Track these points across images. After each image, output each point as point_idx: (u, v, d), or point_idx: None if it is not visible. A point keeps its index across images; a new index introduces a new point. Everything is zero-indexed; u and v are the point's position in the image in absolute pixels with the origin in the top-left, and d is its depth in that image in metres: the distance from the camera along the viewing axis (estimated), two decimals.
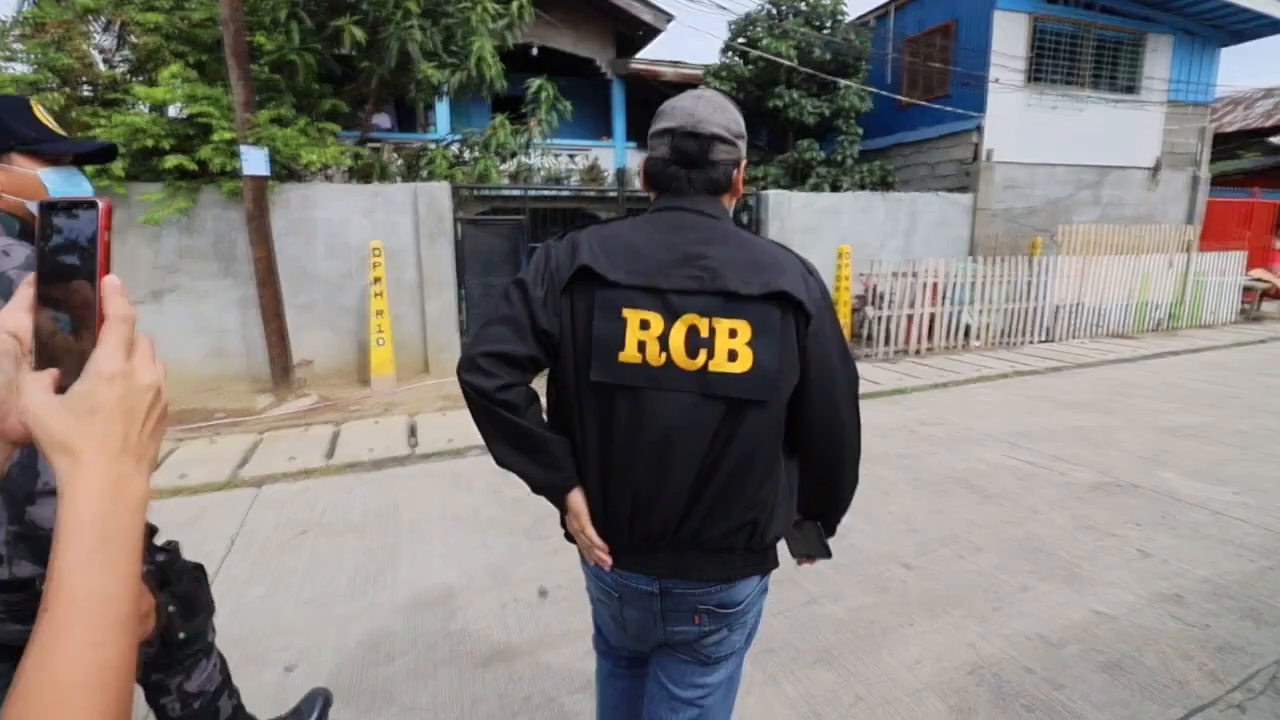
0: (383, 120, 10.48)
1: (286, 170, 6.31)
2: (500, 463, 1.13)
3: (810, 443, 1.15)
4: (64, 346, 0.45)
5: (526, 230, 6.98)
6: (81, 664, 0.40)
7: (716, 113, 1.10)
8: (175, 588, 1.35)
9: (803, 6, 9.72)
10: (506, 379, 1.05)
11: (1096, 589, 2.71)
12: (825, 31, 9.69)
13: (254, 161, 5.29)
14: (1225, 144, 14.98)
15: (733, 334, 1.03)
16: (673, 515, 1.08)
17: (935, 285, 7.66)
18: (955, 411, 5.38)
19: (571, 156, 11.81)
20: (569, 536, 1.23)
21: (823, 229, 8.37)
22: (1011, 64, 9.22)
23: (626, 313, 1.03)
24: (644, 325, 1.03)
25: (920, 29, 10.27)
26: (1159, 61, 10.15)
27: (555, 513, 1.22)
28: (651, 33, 11.90)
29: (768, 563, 1.17)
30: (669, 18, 11.42)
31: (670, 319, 1.03)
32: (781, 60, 8.96)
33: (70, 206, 0.44)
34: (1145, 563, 2.92)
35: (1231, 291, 10.04)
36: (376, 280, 6.07)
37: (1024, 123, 9.51)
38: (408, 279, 6.56)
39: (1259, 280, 10.57)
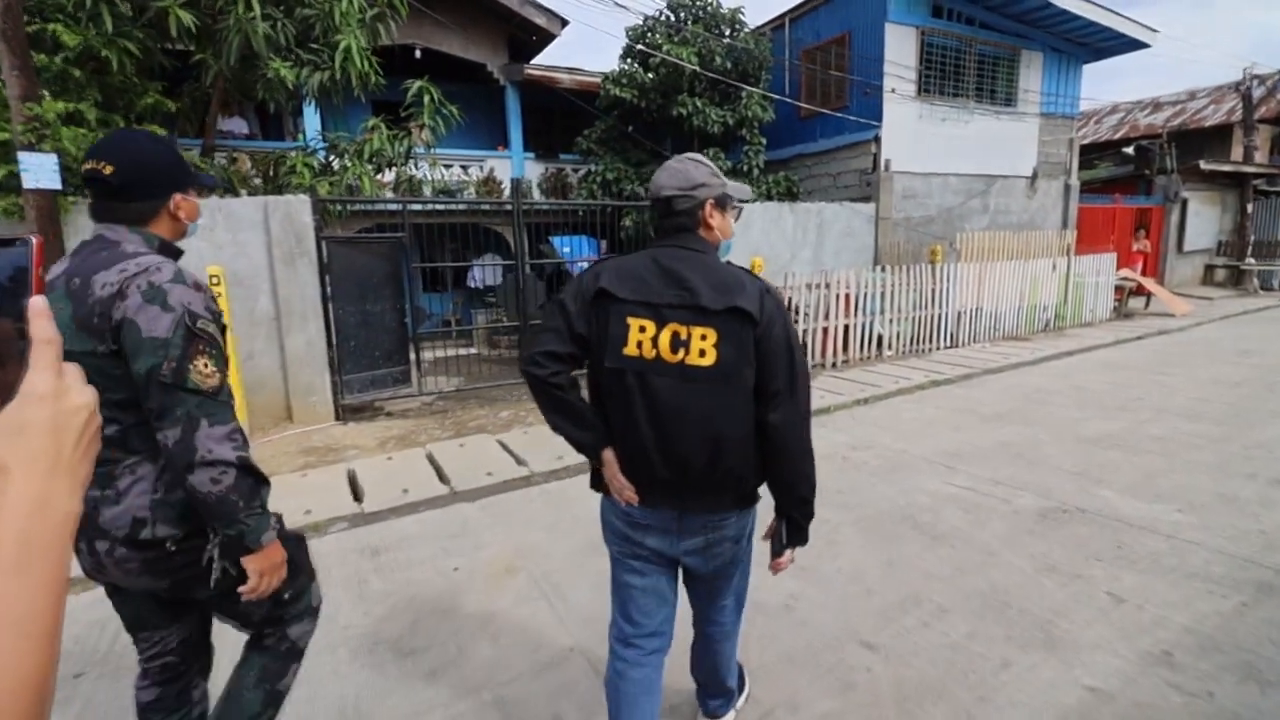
0: (237, 126, 9.24)
1: None
2: (554, 429, 1.58)
3: (766, 412, 1.52)
4: None
5: (410, 248, 6.13)
6: None
7: (671, 177, 1.55)
8: (291, 546, 1.51)
9: (701, 14, 9.46)
10: (555, 368, 1.51)
11: (1081, 655, 2.33)
12: (726, 39, 9.47)
13: (39, 171, 4.19)
14: (1082, 155, 16.31)
15: (703, 338, 1.46)
16: (670, 458, 1.51)
17: (848, 296, 7.50)
18: (883, 432, 5.09)
19: (465, 168, 10.97)
20: (596, 486, 1.69)
21: (734, 241, 8.02)
22: (904, 75, 9.36)
23: (630, 320, 1.48)
24: (642, 329, 1.48)
25: (817, 40, 10.29)
26: (1032, 76, 10.70)
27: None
28: (546, 38, 11.31)
29: (749, 502, 1.68)
30: (563, 22, 10.88)
31: (660, 325, 1.47)
32: (684, 64, 8.61)
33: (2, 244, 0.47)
34: (1120, 611, 2.59)
35: (1106, 291, 10.69)
36: None
37: (917, 134, 9.69)
38: (261, 310, 5.55)
39: (1126, 279, 11.35)
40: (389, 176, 7.56)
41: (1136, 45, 10.87)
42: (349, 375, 5.94)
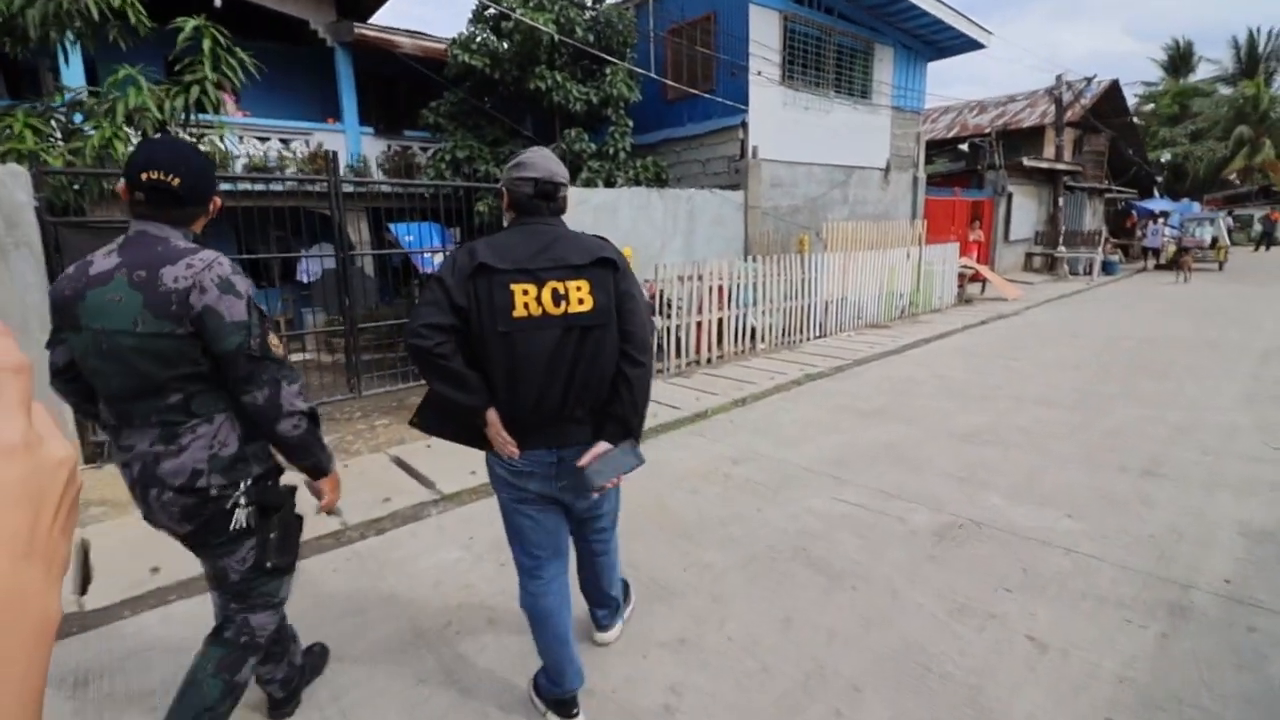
0: None
1: None
2: (440, 397, 1.77)
3: (628, 342, 1.78)
4: None
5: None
6: None
7: (559, 167, 1.85)
8: (283, 515, 1.78)
9: None
10: (439, 339, 1.65)
11: None
12: (588, 12, 8.72)
13: None
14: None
15: (579, 289, 1.71)
16: (556, 402, 1.73)
17: (722, 288, 7.10)
18: (764, 439, 4.66)
19: (285, 141, 9.36)
20: (480, 445, 1.87)
21: (600, 228, 7.30)
22: (769, 59, 9.14)
23: (512, 286, 1.67)
24: (525, 292, 1.68)
25: (682, 18, 9.82)
26: (884, 70, 10.99)
27: None
28: None
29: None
30: None
31: (540, 286, 1.69)
32: (541, 29, 7.73)
33: None
34: (1047, 663, 2.23)
35: (951, 279, 11.30)
36: None
37: (782, 121, 9.55)
38: None
39: (966, 267, 12.11)
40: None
41: (974, 45, 11.52)
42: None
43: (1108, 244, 16.80)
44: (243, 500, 1.66)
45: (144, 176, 1.54)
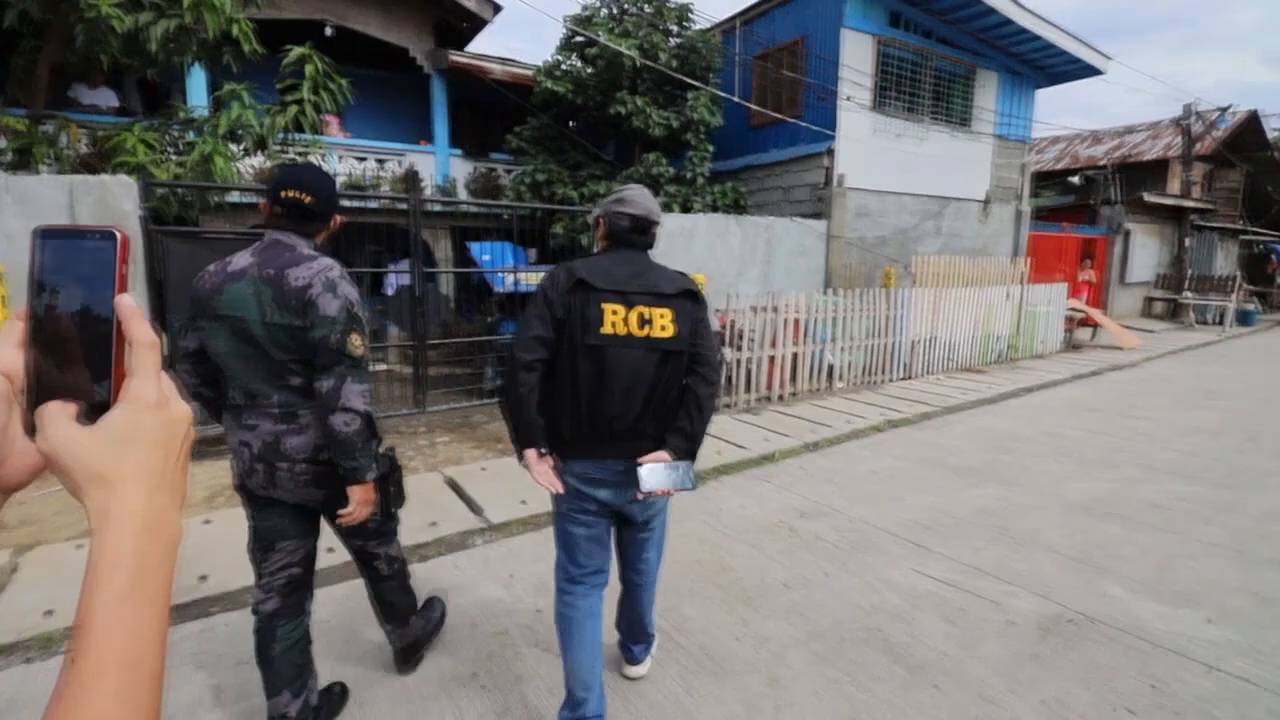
0: (104, 99, 7.80)
1: None
2: (509, 411, 1.86)
3: (699, 377, 1.93)
4: (59, 383, 0.42)
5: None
6: None
7: (656, 207, 2.02)
8: (395, 475, 2.07)
9: (647, 9, 8.64)
10: (540, 354, 1.82)
11: None
12: (673, 39, 8.67)
13: None
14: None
15: (663, 316, 1.87)
16: (634, 417, 1.86)
17: (798, 321, 6.72)
18: (839, 491, 4.25)
19: (380, 161, 9.78)
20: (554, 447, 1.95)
21: (674, 254, 7.17)
22: (861, 83, 8.75)
23: (604, 305, 1.83)
24: (614, 312, 1.83)
25: (771, 44, 9.61)
26: (987, 97, 10.33)
27: None
28: (477, 24, 10.27)
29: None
30: (496, 8, 9.88)
31: (628, 309, 1.84)
32: (625, 53, 7.72)
33: (75, 235, 0.42)
34: None
35: (1057, 322, 10.35)
36: None
37: (872, 149, 9.10)
38: None
39: (1074, 310, 11.08)
40: (258, 160, 6.34)
41: (1090, 71, 10.66)
42: (189, 405, 4.73)
43: (1243, 290, 15.04)
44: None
45: (283, 194, 1.85)
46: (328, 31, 9.08)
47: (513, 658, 2.48)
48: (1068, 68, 10.59)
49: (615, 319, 1.82)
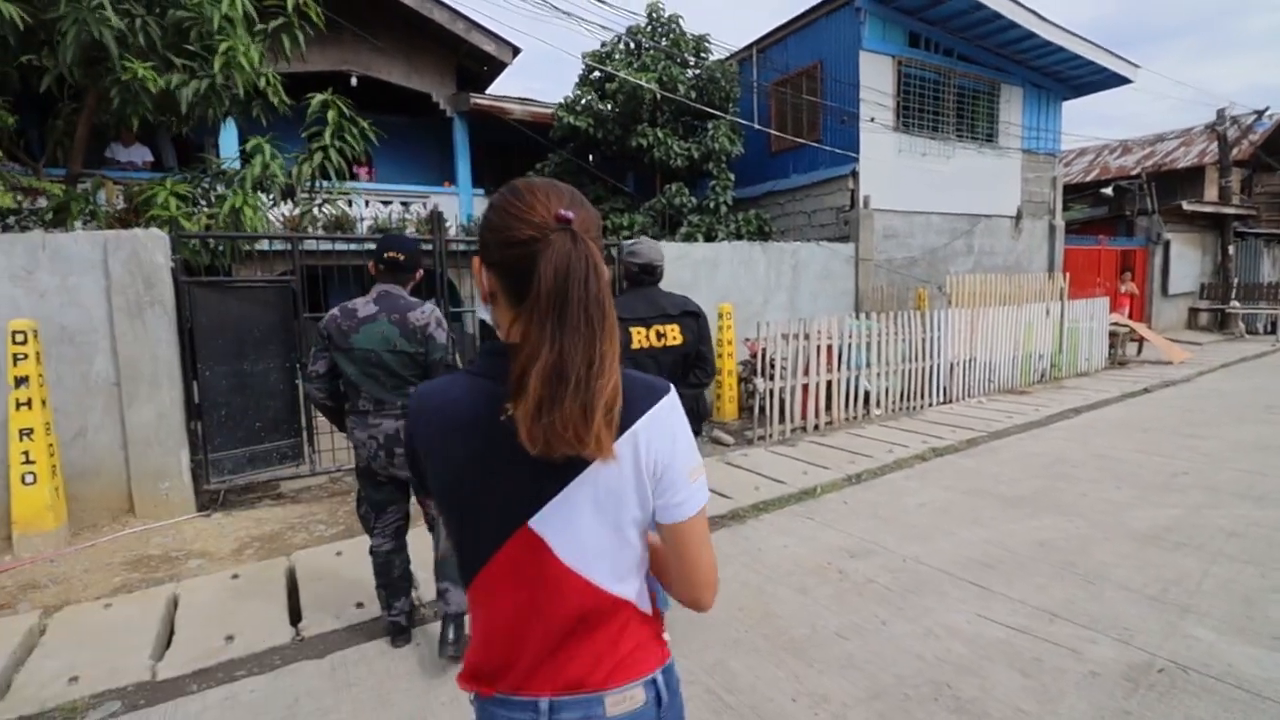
0: (139, 155, 8.08)
1: None
2: None
3: (700, 370, 2.75)
4: None
5: (301, 294, 5.00)
6: None
7: (659, 254, 2.74)
8: None
9: (664, 43, 8.73)
10: None
11: None
12: (690, 70, 8.72)
13: None
14: None
15: (672, 330, 2.64)
16: None
17: (830, 347, 6.53)
18: (886, 527, 4.02)
19: (405, 204, 9.95)
20: None
21: (698, 284, 7.07)
22: (883, 104, 8.67)
23: (631, 329, 2.56)
24: (639, 333, 2.58)
25: (786, 71, 9.62)
26: (1013, 112, 10.17)
27: None
28: (496, 66, 10.50)
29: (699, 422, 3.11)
30: (515, 50, 10.09)
31: (648, 329, 2.60)
32: (644, 86, 7.77)
33: None
34: None
35: (1101, 338, 9.96)
36: (20, 382, 3.84)
37: (897, 169, 8.98)
38: (98, 374, 4.34)
39: (1118, 325, 10.67)
40: (284, 209, 6.44)
41: (1117, 81, 10.45)
42: (218, 453, 4.72)
43: None
44: None
45: (385, 255, 2.58)
46: (353, 81, 9.35)
47: None
48: (1093, 78, 10.40)
49: (640, 337, 2.60)
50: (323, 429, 5.20)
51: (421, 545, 3.02)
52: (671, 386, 0.94)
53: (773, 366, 6.15)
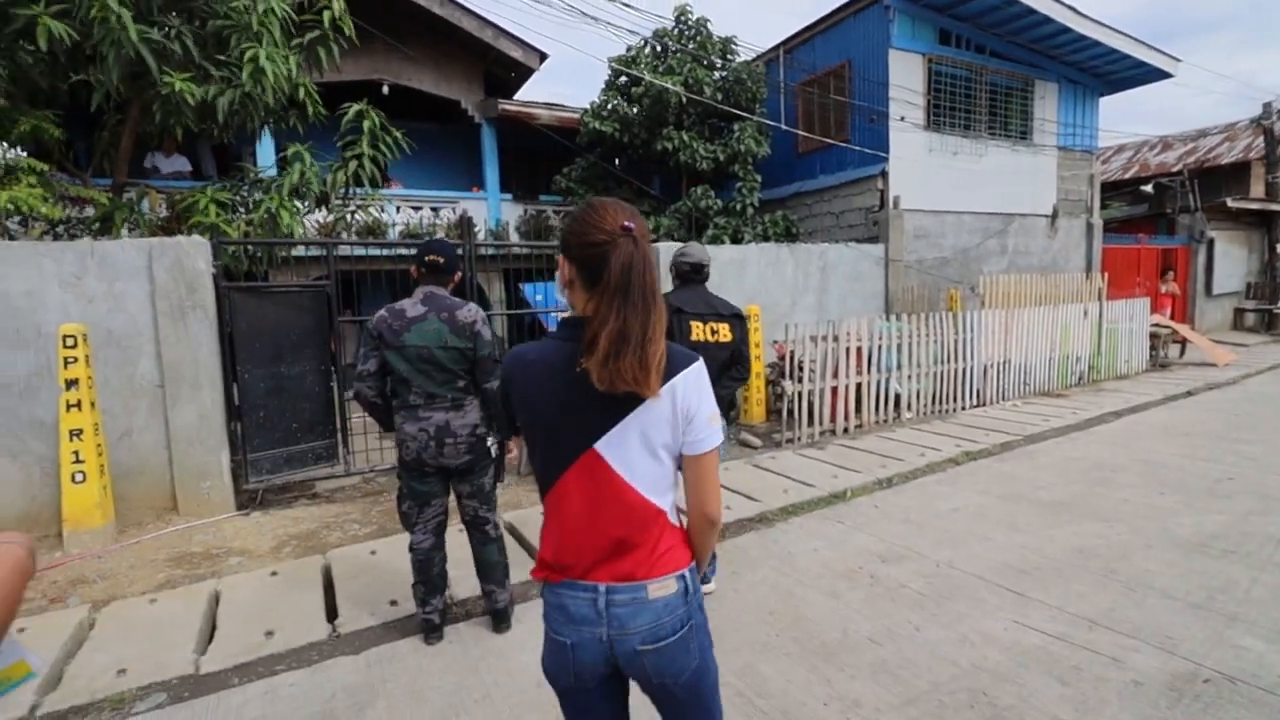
0: (182, 165, 8.35)
1: None
2: None
3: (739, 367, 3.11)
4: None
5: (336, 299, 5.12)
6: None
7: (707, 256, 3.19)
8: (500, 458, 2.95)
9: (690, 46, 8.74)
10: None
11: None
12: (717, 72, 8.71)
13: None
14: None
15: (723, 327, 3.07)
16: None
17: (860, 350, 6.45)
18: (918, 531, 3.96)
19: (435, 210, 10.11)
20: None
21: (725, 286, 7.04)
22: (913, 103, 8.55)
23: (691, 323, 3.00)
24: (697, 327, 3.01)
25: (814, 72, 9.55)
26: (1047, 108, 9.94)
27: None
28: (524, 73, 10.63)
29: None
30: (542, 56, 10.19)
31: (704, 324, 3.02)
32: (670, 89, 7.79)
33: None
34: None
35: (1141, 339, 9.67)
36: (71, 384, 3.99)
37: (928, 168, 8.84)
38: (143, 376, 4.50)
39: (1160, 326, 10.34)
40: (319, 215, 6.58)
41: (1157, 75, 10.15)
42: (257, 453, 4.85)
43: None
44: (490, 440, 2.82)
45: (427, 258, 2.75)
46: (384, 90, 9.54)
47: None
48: (1131, 73, 10.11)
49: (698, 331, 3.01)
50: (356, 430, 5.32)
51: (455, 545, 3.06)
52: (700, 358, 1.25)
53: (801, 369, 6.10)
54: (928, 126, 8.79)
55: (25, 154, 5.04)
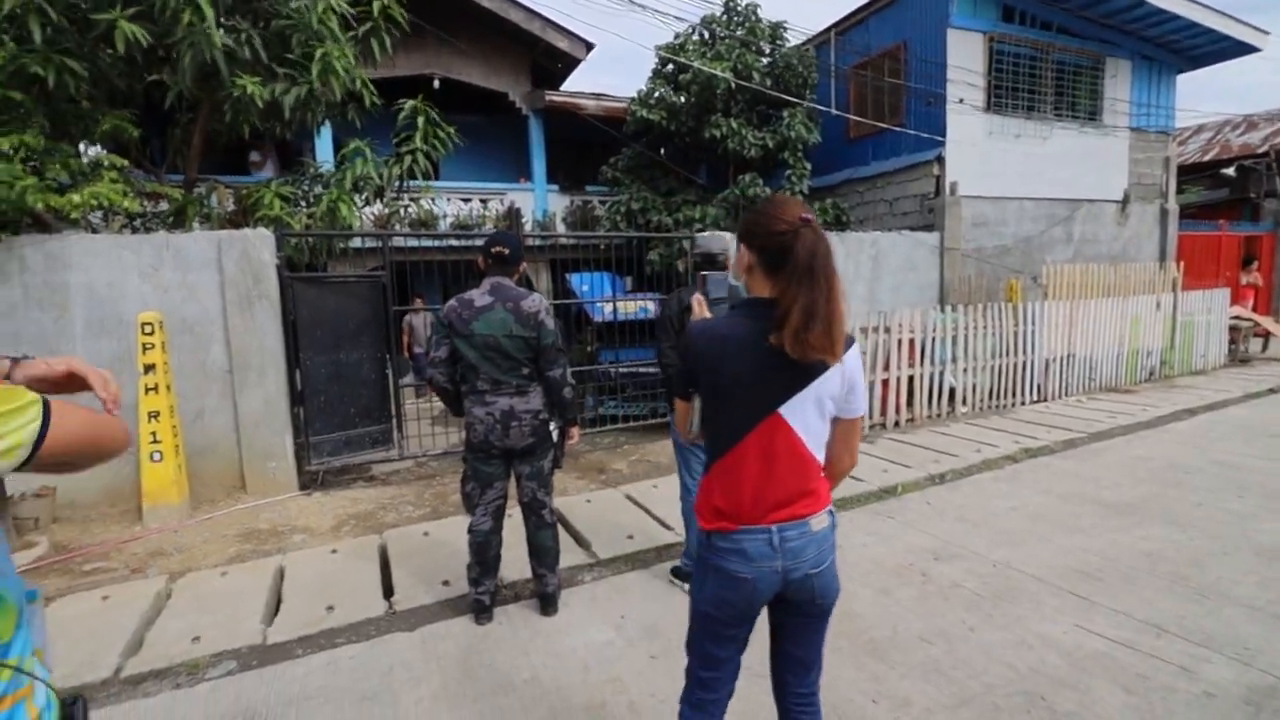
0: (270, 168, 8.71)
1: (30, 218, 4.52)
2: (668, 370, 3.02)
3: None
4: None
5: (391, 289, 5.27)
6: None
7: (719, 245, 2.99)
8: (560, 442, 3.03)
9: (739, 32, 8.59)
10: (674, 355, 2.83)
11: None
12: (766, 58, 8.55)
13: None
14: None
15: None
16: None
17: (912, 342, 6.27)
18: (973, 530, 3.84)
19: (484, 201, 10.27)
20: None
21: None
22: (973, 84, 8.21)
23: None
24: None
25: (868, 53, 9.26)
26: (1119, 88, 9.39)
27: None
28: (570, 63, 10.66)
29: None
30: (588, 46, 10.20)
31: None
32: (718, 76, 7.68)
33: None
34: None
35: (1219, 333, 9.09)
36: (149, 369, 4.24)
37: (987, 153, 8.48)
38: (214, 362, 4.74)
39: (1241, 319, 9.69)
40: (375, 208, 6.77)
41: (1242, 49, 9.45)
42: (318, 436, 5.06)
43: None
44: (552, 425, 2.93)
45: (493, 250, 2.82)
46: (435, 84, 9.72)
47: (627, 708, 2.35)
48: (1213, 47, 9.44)
49: None
50: (410, 416, 5.50)
51: (506, 529, 3.13)
52: (856, 338, 1.50)
53: None
54: (988, 108, 8.43)
55: (105, 151, 5.34)
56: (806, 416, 1.39)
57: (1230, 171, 12.63)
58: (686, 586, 3.12)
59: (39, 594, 0.96)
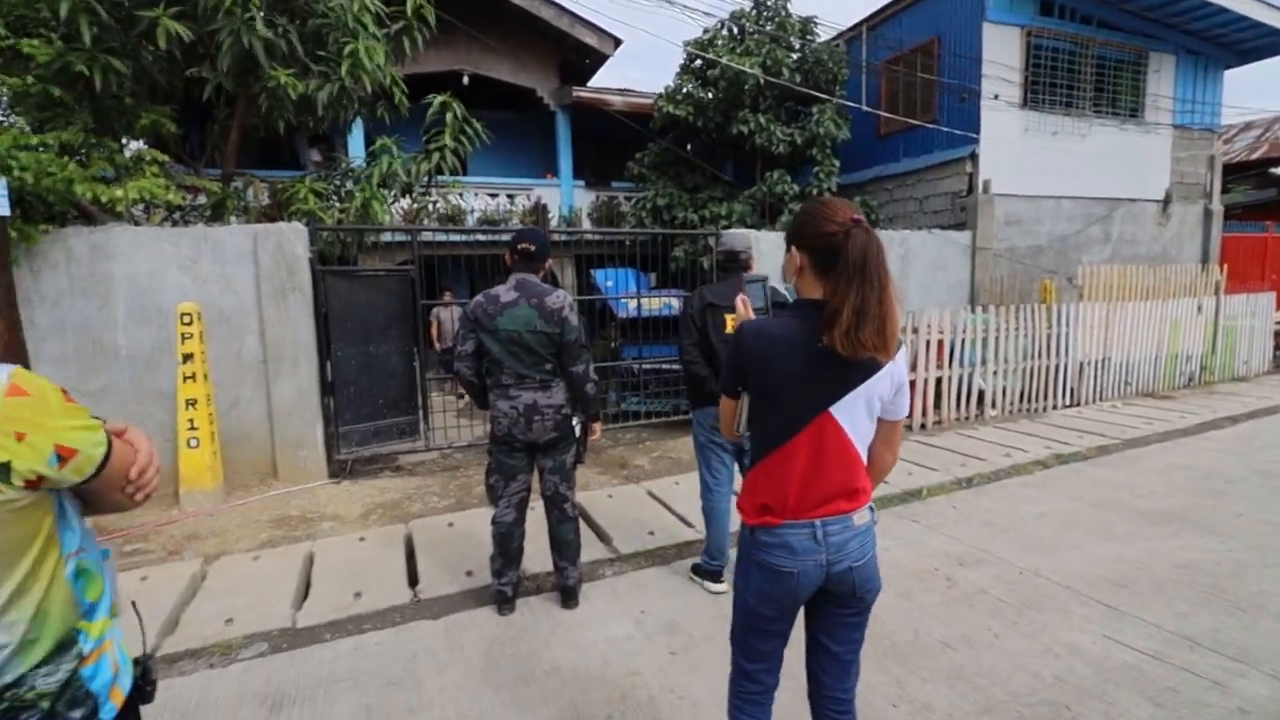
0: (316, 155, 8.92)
1: (76, 210, 4.68)
2: (691, 369, 3.10)
3: None
4: None
5: (419, 283, 5.35)
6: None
7: (741, 244, 3.13)
8: (583, 437, 3.07)
9: (768, 27, 8.51)
10: (694, 352, 3.09)
11: None
12: (795, 54, 8.46)
13: None
14: None
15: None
16: None
17: (940, 343, 6.17)
18: (1000, 536, 3.78)
19: (511, 197, 10.35)
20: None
21: None
22: (1008, 79, 8.02)
23: (725, 316, 3.02)
24: (731, 320, 2.95)
25: (900, 48, 9.11)
26: (1163, 83, 9.10)
27: None
28: (598, 59, 10.67)
29: None
30: (616, 42, 10.20)
31: (734, 315, 2.61)
32: (747, 71, 7.63)
33: None
34: None
35: (1264, 338, 8.77)
36: (187, 358, 4.37)
37: (1022, 150, 8.29)
38: (249, 352, 4.86)
39: None
40: (403, 203, 6.86)
41: None
42: (347, 426, 5.17)
43: None
44: (574, 420, 2.98)
45: (520, 246, 2.84)
46: (464, 80, 9.81)
47: (646, 702, 2.37)
48: (1262, 41, 9.08)
49: (732, 324, 2.96)
50: (436, 408, 5.58)
51: (528, 522, 3.17)
52: (904, 343, 1.59)
53: None
54: (1024, 105, 8.23)
55: (146, 146, 5.50)
56: (855, 416, 1.41)
57: (1278, 171, 12.13)
58: (706, 584, 3.19)
59: (110, 553, 1.09)
